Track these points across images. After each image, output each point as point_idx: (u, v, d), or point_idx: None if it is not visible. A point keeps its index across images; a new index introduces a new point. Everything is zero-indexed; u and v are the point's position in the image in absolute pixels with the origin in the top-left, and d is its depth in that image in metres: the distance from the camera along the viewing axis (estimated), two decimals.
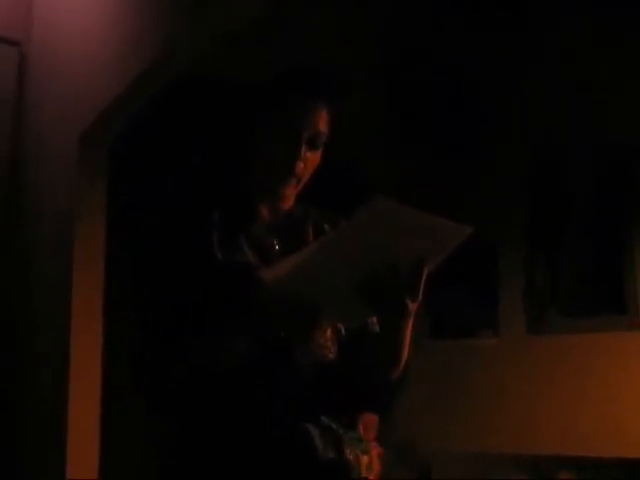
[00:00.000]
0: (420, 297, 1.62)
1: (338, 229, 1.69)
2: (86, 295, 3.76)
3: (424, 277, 1.60)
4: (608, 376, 4.28)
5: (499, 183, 4.72)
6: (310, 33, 4.38)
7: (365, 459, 1.85)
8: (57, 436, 3.66)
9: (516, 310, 4.60)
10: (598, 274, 4.34)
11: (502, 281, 4.68)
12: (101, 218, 3.81)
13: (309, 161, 1.80)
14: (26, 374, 4.00)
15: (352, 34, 4.62)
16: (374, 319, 1.74)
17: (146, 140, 4.24)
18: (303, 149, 1.77)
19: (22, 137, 4.16)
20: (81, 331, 3.71)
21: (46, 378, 3.87)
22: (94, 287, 3.79)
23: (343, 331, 1.84)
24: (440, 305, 4.85)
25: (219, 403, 1.72)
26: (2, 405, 4.00)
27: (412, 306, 1.63)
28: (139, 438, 4.05)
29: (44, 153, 4.04)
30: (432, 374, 4.75)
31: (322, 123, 1.79)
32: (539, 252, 4.54)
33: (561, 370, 4.43)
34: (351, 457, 1.78)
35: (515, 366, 4.58)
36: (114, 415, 3.85)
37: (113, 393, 3.59)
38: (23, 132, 4.16)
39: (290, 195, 1.84)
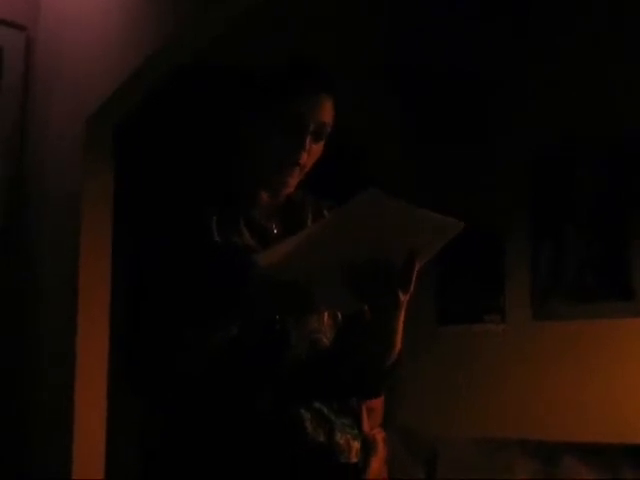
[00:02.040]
0: (411, 289, 1.63)
1: (330, 217, 1.70)
2: (93, 281, 3.76)
3: (416, 270, 1.61)
4: (614, 362, 4.29)
5: (504, 170, 4.72)
6: (315, 26, 4.39)
7: (356, 444, 1.85)
8: (63, 436, 3.67)
9: (522, 296, 4.61)
10: (604, 260, 4.34)
11: (508, 267, 4.68)
12: (107, 202, 3.81)
13: (312, 151, 1.82)
14: (32, 373, 4.00)
15: (357, 28, 4.63)
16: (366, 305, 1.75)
17: (152, 124, 4.24)
18: (308, 140, 1.78)
19: (29, 121, 4.17)
20: (88, 323, 3.70)
21: (53, 378, 3.88)
22: (101, 272, 3.79)
23: (339, 317, 1.85)
24: (447, 291, 4.87)
25: (211, 385, 1.73)
26: (8, 405, 4.00)
27: (403, 298, 1.64)
28: (145, 437, 4.06)
29: (50, 137, 4.05)
30: (438, 359, 4.77)
31: (327, 115, 1.81)
32: (545, 238, 4.54)
33: (567, 356, 4.43)
34: (341, 442, 1.80)
35: (521, 352, 4.58)
36: (120, 414, 3.85)
37: (120, 392, 3.58)
38: (30, 116, 4.17)
39: (293, 183, 1.85)
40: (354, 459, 1.82)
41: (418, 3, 4.64)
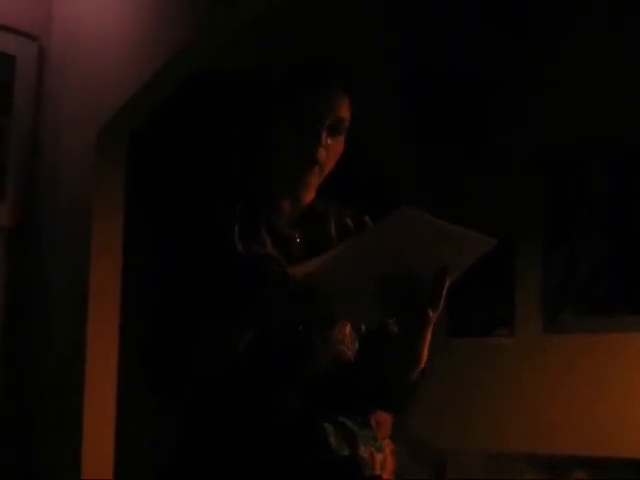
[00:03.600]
0: (441, 306, 1.62)
1: (364, 233, 1.66)
2: (103, 290, 3.76)
3: (446, 287, 1.60)
4: (625, 376, 4.27)
5: (515, 181, 4.71)
6: (314, 26, 4.37)
7: (380, 457, 1.83)
8: (72, 436, 3.66)
9: (532, 309, 4.59)
10: (616, 273, 4.32)
11: (519, 280, 4.67)
12: (118, 213, 3.81)
13: (331, 148, 1.80)
14: (41, 374, 4.00)
15: (356, 28, 4.62)
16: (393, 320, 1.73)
17: (164, 134, 4.25)
18: (324, 135, 1.76)
19: (41, 129, 4.17)
20: (98, 325, 3.71)
21: (62, 378, 3.87)
22: (111, 281, 3.79)
23: (363, 330, 1.84)
24: (457, 303, 4.85)
25: (234, 396, 1.72)
26: (17, 406, 4.00)
27: (432, 315, 1.63)
28: (154, 438, 4.06)
29: (63, 145, 4.06)
30: (448, 372, 4.75)
31: (342, 109, 1.79)
32: (556, 251, 4.52)
33: (577, 370, 4.41)
34: (365, 455, 1.78)
35: (531, 365, 4.57)
36: (130, 415, 3.85)
37: (129, 392, 3.58)
38: (42, 124, 4.17)
39: (314, 183, 1.83)
40: (378, 471, 1.80)
41: (418, 3, 4.64)
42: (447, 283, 1.59)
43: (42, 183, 4.14)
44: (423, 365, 1.75)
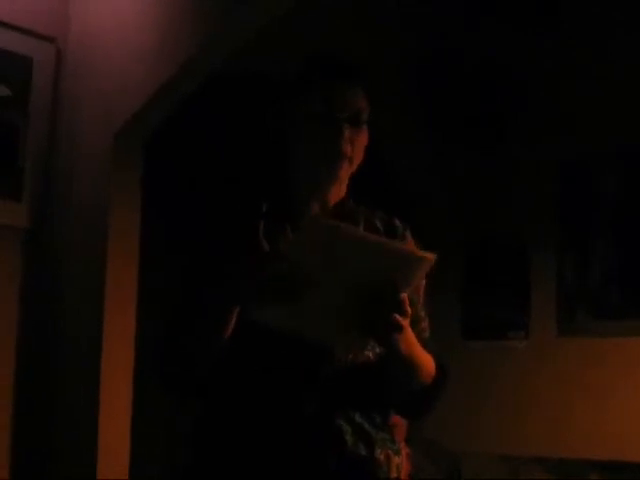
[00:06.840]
0: (409, 311, 1.59)
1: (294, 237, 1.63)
2: (119, 290, 3.77)
3: (402, 295, 1.57)
4: (639, 380, 4.26)
5: (530, 185, 4.70)
6: (336, 27, 4.38)
7: (396, 460, 1.83)
8: (88, 436, 3.67)
9: (547, 312, 4.58)
10: (630, 277, 4.31)
11: (533, 283, 4.66)
12: (135, 214, 3.83)
13: (355, 140, 1.81)
14: (57, 374, 4.01)
15: (380, 30, 4.62)
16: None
17: (183, 135, 4.26)
18: (345, 128, 1.78)
19: (58, 134, 4.18)
20: (113, 330, 3.71)
21: (77, 378, 3.89)
22: (127, 281, 3.80)
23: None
24: (471, 306, 4.85)
25: (250, 394, 1.73)
26: (32, 404, 4.01)
27: (404, 321, 1.59)
28: (170, 438, 4.08)
29: (79, 150, 4.07)
30: (462, 375, 4.74)
31: (358, 100, 1.81)
32: (571, 254, 4.51)
33: (592, 373, 4.40)
34: (381, 457, 1.78)
35: (545, 368, 4.56)
36: (145, 414, 3.86)
37: (145, 392, 3.59)
38: (59, 129, 4.18)
39: (344, 177, 1.85)
40: (394, 474, 1.80)
41: (432, 3, 4.66)
42: (403, 296, 1.57)
43: (59, 184, 4.15)
44: (424, 373, 1.75)
